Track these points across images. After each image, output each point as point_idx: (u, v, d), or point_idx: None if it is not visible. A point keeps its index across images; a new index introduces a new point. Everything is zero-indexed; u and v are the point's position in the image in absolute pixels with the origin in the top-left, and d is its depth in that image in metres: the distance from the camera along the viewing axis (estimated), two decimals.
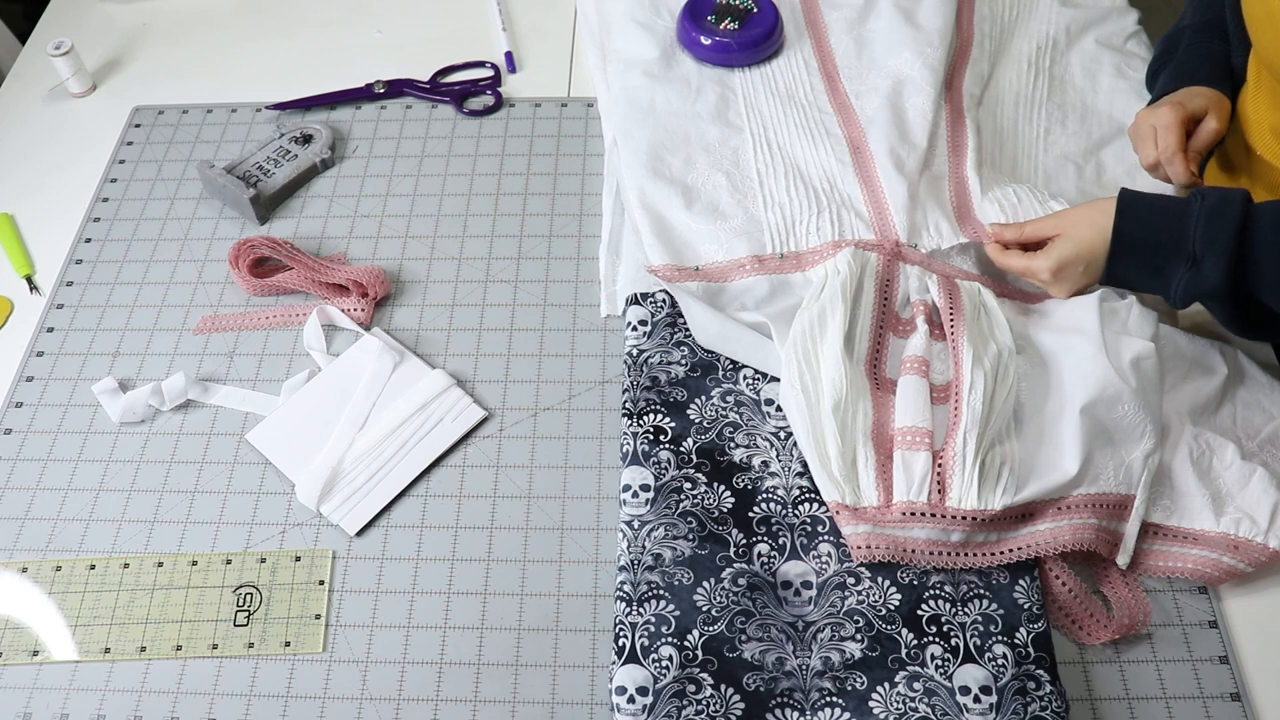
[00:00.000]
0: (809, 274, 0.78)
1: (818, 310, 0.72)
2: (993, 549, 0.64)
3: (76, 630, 0.67)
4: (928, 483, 0.64)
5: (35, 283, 0.86)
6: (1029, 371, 0.70)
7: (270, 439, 0.75)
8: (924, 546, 0.63)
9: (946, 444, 0.66)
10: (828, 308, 0.72)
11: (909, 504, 0.64)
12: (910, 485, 0.64)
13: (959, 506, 0.63)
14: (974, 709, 0.60)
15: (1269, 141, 0.75)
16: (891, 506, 0.64)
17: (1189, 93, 0.78)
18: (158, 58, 1.05)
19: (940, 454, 0.65)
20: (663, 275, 0.78)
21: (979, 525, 0.63)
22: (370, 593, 0.68)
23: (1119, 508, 0.65)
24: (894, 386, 0.70)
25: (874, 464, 0.66)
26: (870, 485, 0.65)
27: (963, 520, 0.63)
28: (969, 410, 0.66)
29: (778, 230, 0.81)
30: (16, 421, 0.77)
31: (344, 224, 0.88)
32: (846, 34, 0.97)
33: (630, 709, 0.60)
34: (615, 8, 1.00)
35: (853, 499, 0.65)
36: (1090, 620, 0.64)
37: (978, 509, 0.63)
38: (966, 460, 0.64)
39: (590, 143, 0.94)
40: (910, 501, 0.64)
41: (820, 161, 0.85)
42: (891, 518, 0.64)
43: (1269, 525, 0.64)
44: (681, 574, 0.65)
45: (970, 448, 0.65)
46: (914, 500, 0.64)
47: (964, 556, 0.64)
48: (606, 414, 0.75)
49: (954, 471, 0.64)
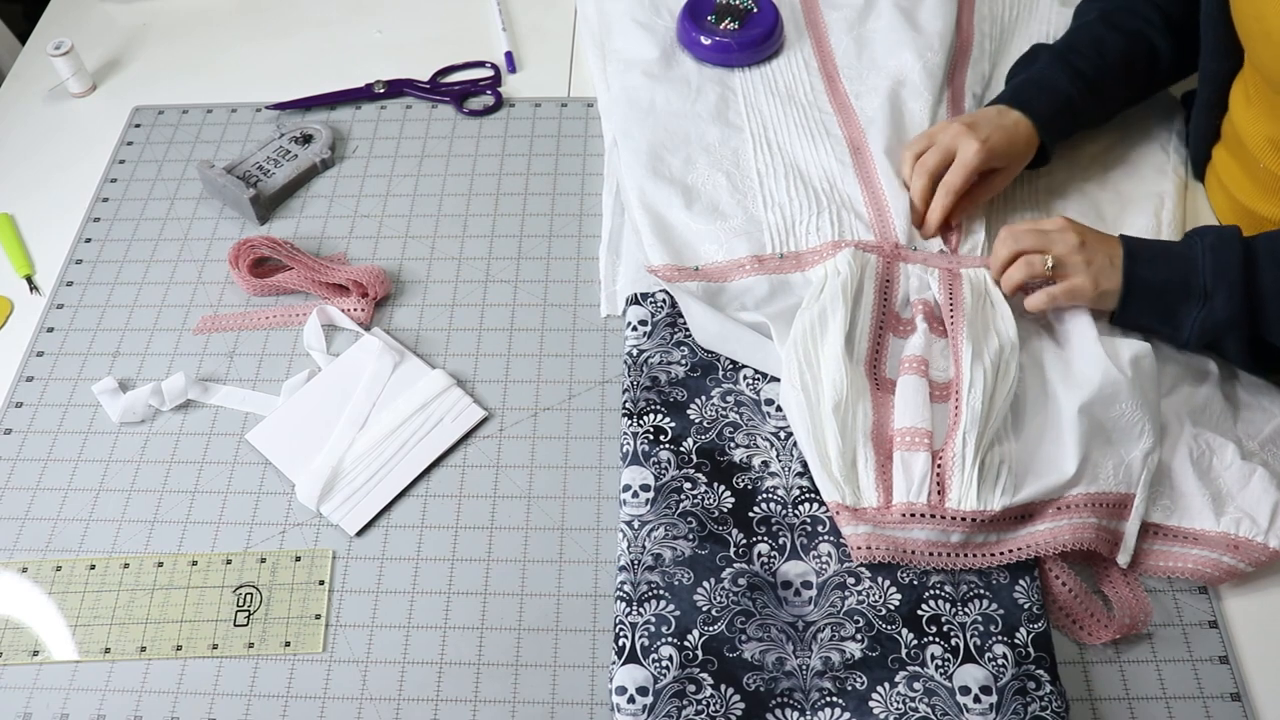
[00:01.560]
0: (809, 274, 0.78)
1: (818, 310, 0.72)
2: (992, 549, 0.64)
3: (76, 630, 0.67)
4: (927, 483, 0.64)
5: (35, 283, 0.86)
6: (1027, 370, 0.70)
7: (270, 439, 0.75)
8: (924, 547, 0.63)
9: (946, 444, 0.66)
10: (828, 307, 0.72)
11: (909, 505, 0.64)
12: (910, 486, 0.64)
13: (958, 508, 0.63)
14: (974, 709, 0.60)
15: (1269, 154, 0.75)
16: (891, 507, 0.64)
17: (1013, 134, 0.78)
18: (158, 58, 1.05)
19: (940, 454, 0.65)
20: (662, 275, 0.78)
21: (979, 526, 0.63)
22: (370, 593, 0.68)
23: (1119, 507, 0.65)
24: (894, 387, 0.70)
25: (874, 464, 0.66)
26: (870, 486, 0.65)
27: (962, 521, 0.63)
28: (969, 410, 0.66)
29: (777, 230, 0.81)
30: (16, 421, 0.77)
31: (344, 224, 0.88)
32: (846, 34, 0.97)
33: (630, 709, 0.60)
34: (615, 8, 1.00)
35: (853, 499, 0.65)
36: (1091, 620, 0.64)
37: (977, 510, 0.63)
38: (966, 461, 0.64)
39: (590, 143, 0.94)
40: (910, 503, 0.64)
41: (820, 162, 0.85)
42: (891, 519, 0.64)
43: (1269, 525, 0.64)
44: (681, 574, 0.65)
45: (970, 448, 0.65)
46: (913, 501, 0.64)
47: (964, 557, 0.64)
48: (606, 414, 0.75)
49: (953, 472, 0.64)
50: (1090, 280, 0.69)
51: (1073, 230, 0.71)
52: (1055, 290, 0.70)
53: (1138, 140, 0.88)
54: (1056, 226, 0.72)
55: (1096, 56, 0.81)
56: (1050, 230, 0.72)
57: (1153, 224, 0.82)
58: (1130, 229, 0.81)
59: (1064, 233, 0.71)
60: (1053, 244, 0.71)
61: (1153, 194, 0.84)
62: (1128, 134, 0.88)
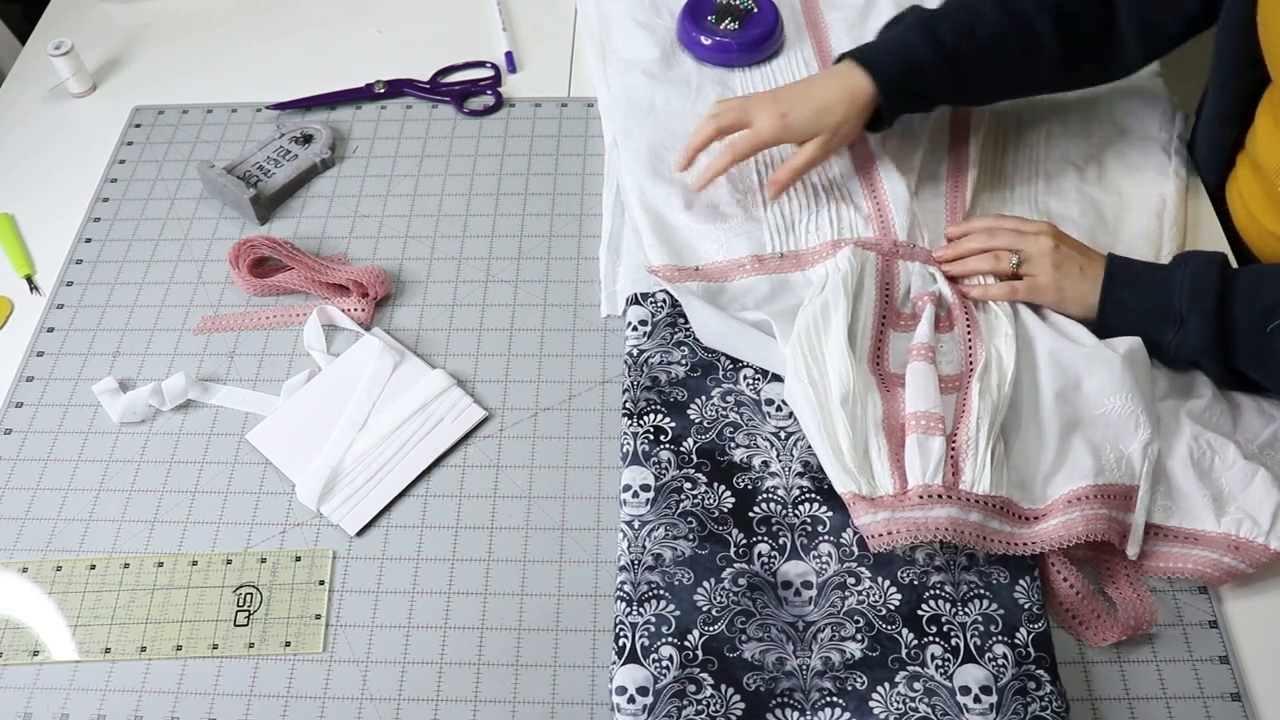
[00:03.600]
0: (809, 273, 0.78)
1: (820, 305, 0.72)
2: (1009, 539, 0.64)
3: (76, 630, 0.67)
4: (943, 466, 0.64)
5: (35, 283, 0.86)
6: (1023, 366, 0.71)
7: (270, 439, 0.75)
8: (946, 524, 0.62)
9: (958, 429, 0.66)
10: (830, 302, 0.72)
11: (925, 487, 0.63)
12: (926, 469, 0.64)
13: (972, 490, 0.63)
14: (974, 709, 0.60)
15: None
16: (908, 492, 0.64)
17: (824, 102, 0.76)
18: (158, 58, 1.05)
19: (953, 438, 0.66)
20: (663, 275, 0.78)
21: (993, 510, 0.63)
22: (370, 593, 0.68)
23: (1125, 498, 0.65)
24: (899, 380, 0.70)
25: (887, 453, 0.66)
26: (885, 474, 0.65)
27: (977, 503, 0.63)
28: (981, 399, 0.66)
29: (777, 229, 0.81)
30: (16, 421, 0.77)
31: (344, 224, 0.88)
32: (846, 34, 0.97)
33: (630, 709, 0.60)
34: (615, 8, 1.00)
35: (868, 489, 0.65)
36: (1096, 621, 0.64)
37: (989, 494, 0.63)
38: (979, 445, 0.65)
39: (590, 143, 0.94)
40: (926, 485, 0.64)
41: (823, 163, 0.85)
42: (910, 502, 0.64)
43: (1270, 526, 0.64)
44: (682, 574, 0.65)
45: (983, 433, 0.65)
46: (930, 483, 0.64)
47: (985, 540, 0.63)
48: (607, 414, 0.75)
49: (966, 456, 0.65)
50: (1053, 282, 0.71)
51: (1050, 235, 0.72)
52: (1018, 284, 0.72)
53: (1138, 141, 0.88)
54: (1036, 229, 0.73)
55: (965, 29, 0.76)
56: (1028, 231, 0.73)
57: (1154, 225, 0.81)
58: (1131, 230, 0.81)
59: (1040, 235, 0.72)
60: (1026, 243, 0.73)
61: (1154, 195, 0.84)
62: (1128, 135, 0.88)
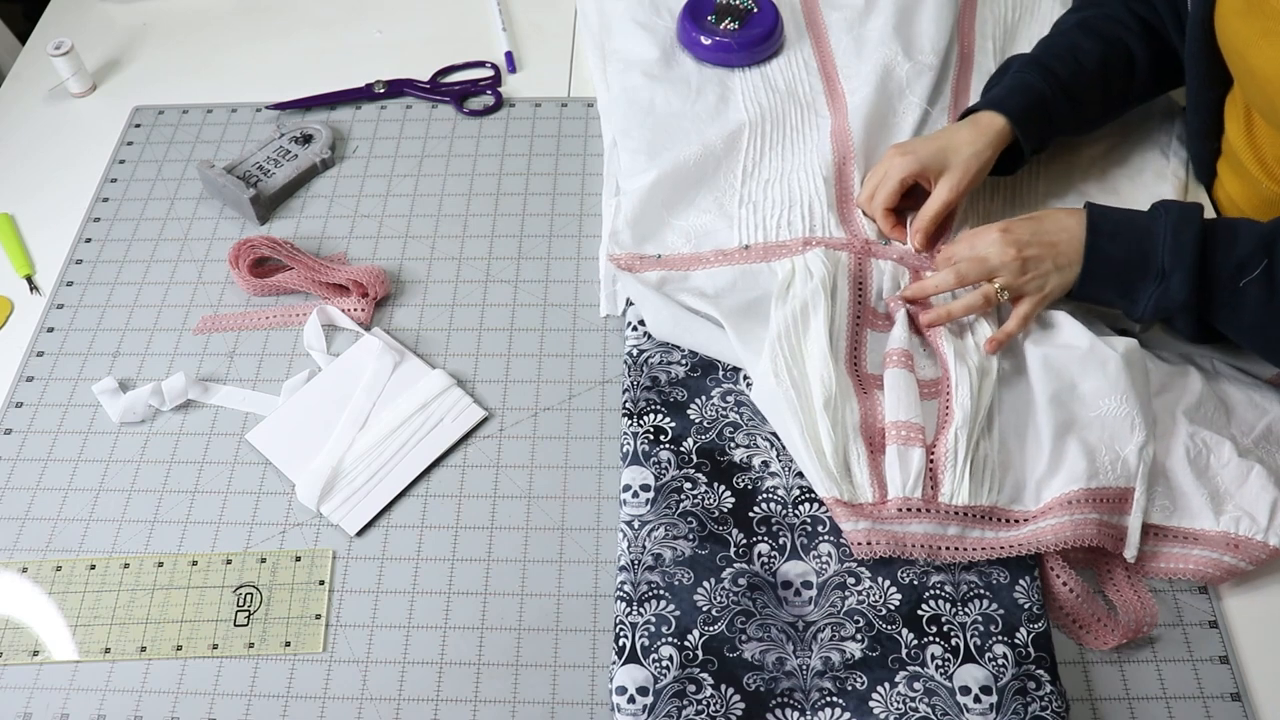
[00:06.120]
0: (774, 265, 0.78)
1: (799, 306, 0.72)
2: (990, 545, 0.64)
3: (76, 630, 0.67)
4: (923, 479, 0.64)
5: (35, 283, 0.86)
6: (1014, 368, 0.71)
7: (270, 439, 0.75)
8: (922, 540, 0.63)
9: (938, 440, 0.66)
10: (809, 304, 0.72)
11: (904, 500, 0.64)
12: (905, 481, 0.64)
13: (950, 502, 0.64)
14: (974, 709, 0.60)
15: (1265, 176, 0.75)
16: (887, 502, 0.64)
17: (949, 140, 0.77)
18: (158, 58, 1.05)
19: (932, 448, 0.66)
20: (623, 264, 0.78)
21: (973, 520, 0.64)
22: (370, 593, 0.68)
23: (1119, 501, 0.65)
24: (876, 382, 0.71)
25: (866, 460, 0.66)
26: (864, 481, 0.65)
27: (956, 515, 0.63)
28: (959, 408, 0.66)
29: (745, 223, 0.81)
30: (16, 421, 0.77)
31: (344, 224, 0.88)
32: (846, 34, 0.97)
33: (630, 709, 0.60)
34: (615, 8, 1.00)
35: (849, 494, 0.65)
36: (1097, 624, 0.64)
37: (969, 505, 0.63)
38: (958, 457, 0.65)
39: (590, 143, 0.94)
40: (905, 498, 0.64)
41: (808, 162, 0.86)
42: (888, 513, 0.64)
43: (1269, 523, 0.64)
44: (682, 574, 0.65)
45: (962, 444, 0.65)
46: (909, 496, 0.64)
47: (964, 551, 0.64)
48: (606, 414, 0.75)
49: (945, 468, 0.65)
50: (1040, 297, 0.70)
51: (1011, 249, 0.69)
52: (1010, 327, 0.71)
53: (1138, 143, 0.88)
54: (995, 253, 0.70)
55: (1072, 61, 0.79)
56: (990, 259, 0.70)
57: None
58: None
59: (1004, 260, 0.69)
60: (997, 273, 0.70)
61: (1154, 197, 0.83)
62: (1128, 137, 0.88)
